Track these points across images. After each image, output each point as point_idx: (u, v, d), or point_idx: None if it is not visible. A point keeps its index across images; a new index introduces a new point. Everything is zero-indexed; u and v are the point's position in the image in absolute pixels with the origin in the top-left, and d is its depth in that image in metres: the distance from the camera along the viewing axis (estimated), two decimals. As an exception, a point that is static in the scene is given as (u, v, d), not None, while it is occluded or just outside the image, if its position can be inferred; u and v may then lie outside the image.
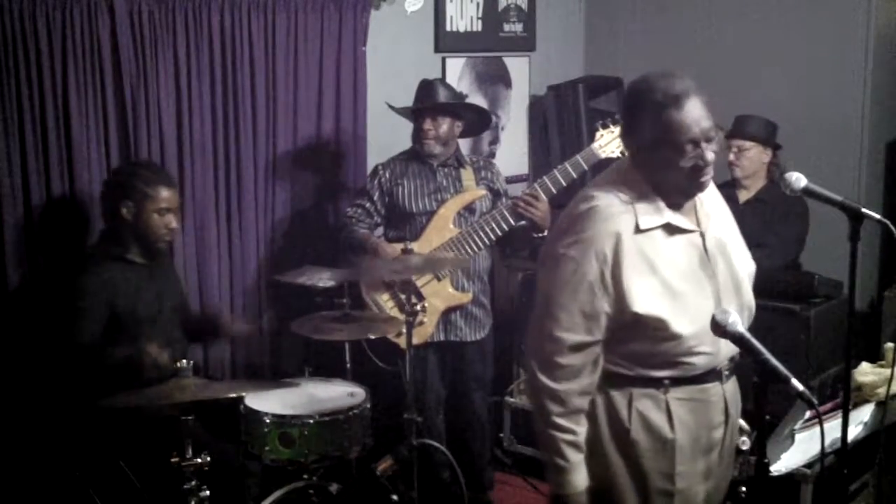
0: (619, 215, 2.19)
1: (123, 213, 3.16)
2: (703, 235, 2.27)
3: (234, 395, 2.93)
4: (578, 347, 2.19)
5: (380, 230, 3.89)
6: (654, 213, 2.21)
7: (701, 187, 2.23)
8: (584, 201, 2.24)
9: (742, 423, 2.44)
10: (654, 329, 2.17)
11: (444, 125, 3.71)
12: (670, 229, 2.23)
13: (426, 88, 3.77)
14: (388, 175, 3.77)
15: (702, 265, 2.25)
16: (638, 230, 2.18)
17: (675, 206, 2.25)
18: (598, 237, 2.17)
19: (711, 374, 2.27)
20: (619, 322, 2.19)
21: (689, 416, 2.25)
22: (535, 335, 2.25)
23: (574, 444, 2.22)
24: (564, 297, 2.18)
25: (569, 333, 2.18)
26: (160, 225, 3.18)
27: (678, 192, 2.23)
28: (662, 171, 2.19)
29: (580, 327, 2.18)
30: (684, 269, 2.22)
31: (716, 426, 2.31)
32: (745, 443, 2.43)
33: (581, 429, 2.23)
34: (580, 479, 2.23)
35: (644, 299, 2.16)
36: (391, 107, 3.84)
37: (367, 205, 3.79)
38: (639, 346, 2.21)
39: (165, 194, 3.18)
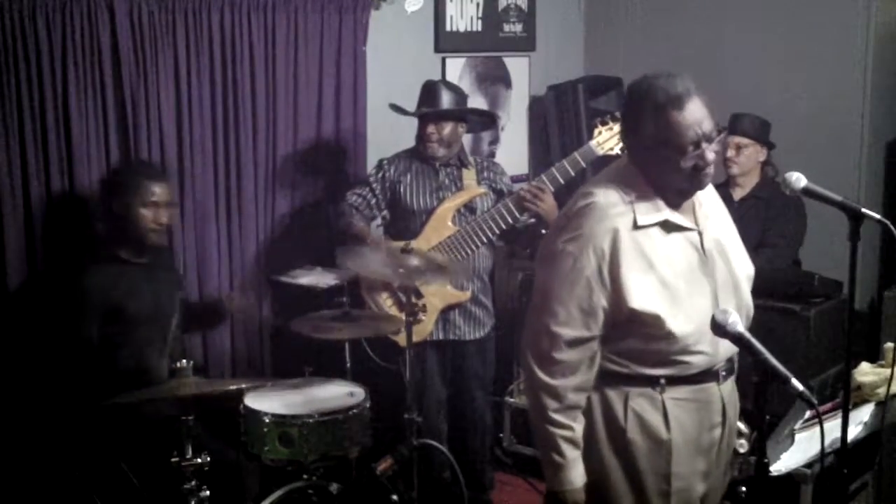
0: (617, 212, 2.19)
1: (115, 209, 3.18)
2: (700, 234, 2.28)
3: (233, 387, 2.94)
4: (575, 343, 2.19)
5: (375, 224, 3.89)
6: (653, 211, 2.22)
7: (700, 186, 2.24)
8: (583, 198, 2.25)
9: (741, 425, 2.44)
10: (650, 326, 2.18)
11: (448, 128, 3.70)
12: (668, 227, 2.23)
13: (429, 92, 3.75)
14: (392, 170, 3.77)
15: (700, 264, 2.25)
16: (636, 226, 2.19)
17: (674, 204, 2.25)
18: (596, 233, 2.18)
19: (708, 375, 2.27)
20: (615, 318, 2.19)
21: (686, 417, 2.25)
22: (532, 330, 2.26)
23: (570, 440, 2.22)
24: (562, 292, 2.19)
25: (566, 328, 2.18)
26: (149, 219, 3.18)
27: (677, 191, 2.24)
28: (663, 172, 2.20)
29: (578, 322, 2.18)
30: (682, 267, 2.23)
31: (712, 427, 2.31)
32: (743, 445, 2.43)
33: (578, 425, 2.23)
34: (577, 475, 2.23)
35: (641, 295, 2.16)
36: (396, 109, 3.81)
37: (368, 195, 3.78)
38: (634, 344, 2.21)
39: (153, 188, 3.19)
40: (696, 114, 2.13)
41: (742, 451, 2.42)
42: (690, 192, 2.25)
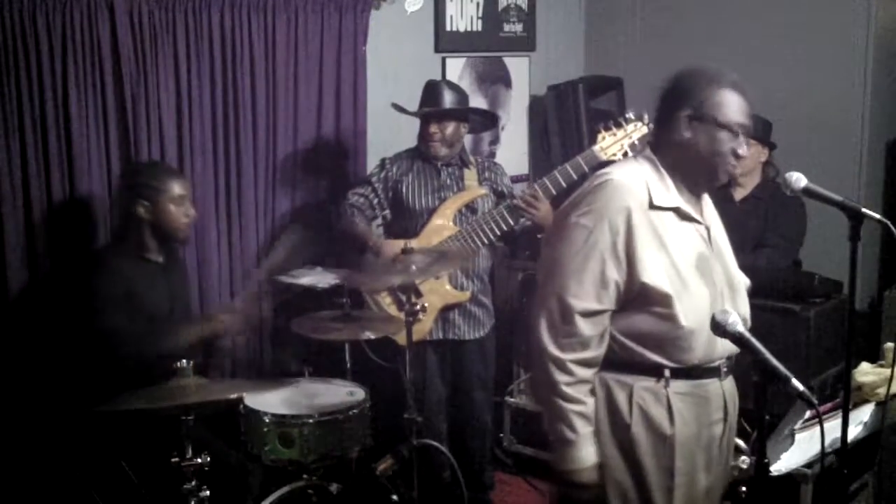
0: (633, 189, 2.22)
1: (140, 212, 3.16)
2: (708, 229, 2.32)
3: (234, 395, 2.93)
4: (588, 314, 2.19)
5: (376, 223, 3.89)
6: (667, 195, 2.25)
7: (726, 175, 2.27)
8: (600, 177, 2.28)
9: (740, 442, 2.44)
10: (659, 304, 2.19)
11: (450, 128, 3.70)
12: (681, 215, 2.26)
13: (432, 91, 3.75)
14: (394, 170, 3.77)
15: (707, 256, 2.28)
16: (651, 206, 2.22)
17: (688, 194, 2.29)
18: (611, 208, 2.20)
19: (710, 371, 2.29)
20: (627, 295, 2.20)
21: (689, 412, 2.26)
22: (544, 304, 2.24)
23: (583, 415, 2.20)
24: (575, 265, 2.19)
25: (578, 301, 2.18)
26: (179, 215, 3.20)
27: (696, 181, 2.28)
28: (696, 149, 2.22)
29: (590, 295, 2.19)
30: (691, 254, 2.25)
31: (714, 423, 2.32)
32: (745, 461, 2.43)
33: (589, 400, 2.22)
34: (589, 453, 2.22)
35: (653, 271, 2.18)
36: (399, 108, 3.81)
37: (370, 195, 3.78)
38: (641, 323, 2.21)
39: (177, 185, 3.21)
40: (744, 102, 2.24)
41: (744, 466, 2.42)
42: (713, 180, 2.28)
